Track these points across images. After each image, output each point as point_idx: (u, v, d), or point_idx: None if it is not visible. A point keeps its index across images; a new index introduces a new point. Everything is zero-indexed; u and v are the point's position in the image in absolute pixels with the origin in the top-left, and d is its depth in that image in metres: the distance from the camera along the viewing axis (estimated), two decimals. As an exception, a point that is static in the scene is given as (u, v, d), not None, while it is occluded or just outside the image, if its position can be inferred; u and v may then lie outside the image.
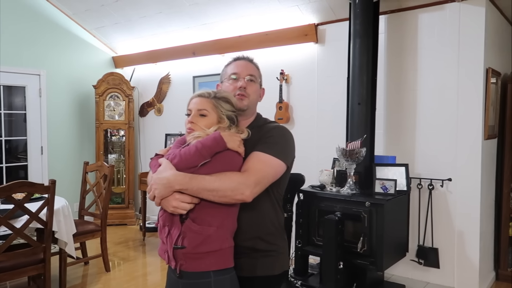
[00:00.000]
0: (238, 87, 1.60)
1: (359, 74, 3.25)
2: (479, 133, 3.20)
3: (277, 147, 1.51)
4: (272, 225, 1.58)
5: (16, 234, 2.78)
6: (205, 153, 1.37)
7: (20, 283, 3.50)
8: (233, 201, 1.39)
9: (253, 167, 1.45)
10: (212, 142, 1.38)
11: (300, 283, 3.31)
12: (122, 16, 4.95)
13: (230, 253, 1.44)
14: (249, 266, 1.53)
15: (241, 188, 1.38)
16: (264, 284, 1.57)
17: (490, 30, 3.25)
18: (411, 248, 3.39)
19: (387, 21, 3.58)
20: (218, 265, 1.40)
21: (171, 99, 5.46)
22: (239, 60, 1.67)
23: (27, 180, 3.65)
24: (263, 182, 1.45)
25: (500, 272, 3.67)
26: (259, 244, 1.54)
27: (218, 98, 1.49)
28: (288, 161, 1.56)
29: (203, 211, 1.39)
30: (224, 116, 1.48)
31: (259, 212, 1.54)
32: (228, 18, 4.37)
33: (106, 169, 3.89)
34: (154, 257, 4.38)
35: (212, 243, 1.38)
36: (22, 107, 5.01)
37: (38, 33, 5.05)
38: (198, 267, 1.39)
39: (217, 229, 1.39)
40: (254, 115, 1.69)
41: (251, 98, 1.61)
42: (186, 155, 1.38)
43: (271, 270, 1.56)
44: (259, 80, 1.68)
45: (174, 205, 1.38)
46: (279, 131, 1.59)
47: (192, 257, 1.38)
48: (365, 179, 3.23)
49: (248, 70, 1.64)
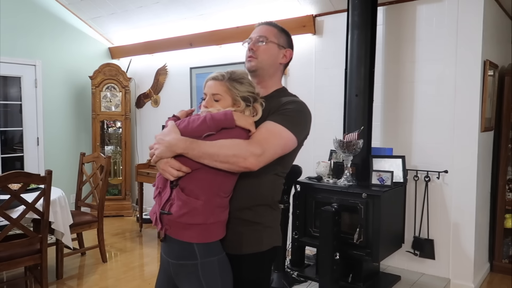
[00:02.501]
0: (248, 49, 1.59)
1: (357, 66, 3.24)
2: (475, 126, 3.21)
3: (291, 120, 1.45)
4: (265, 198, 1.51)
5: (13, 224, 2.78)
6: (211, 124, 1.36)
7: (16, 273, 3.50)
8: (237, 169, 1.34)
9: (261, 135, 1.39)
10: (221, 116, 1.37)
11: (297, 274, 3.33)
12: (119, 6, 4.91)
13: (217, 228, 1.41)
14: (234, 243, 1.48)
15: (244, 155, 1.32)
16: (252, 262, 1.50)
17: (488, 22, 3.25)
18: (407, 240, 3.41)
19: (385, 12, 3.56)
20: (201, 238, 1.38)
21: (168, 90, 5.44)
22: (257, 27, 1.64)
23: (23, 171, 3.63)
24: (270, 152, 1.38)
25: (495, 264, 3.71)
26: (246, 214, 1.48)
27: (233, 80, 1.46)
28: (300, 136, 1.48)
29: (193, 182, 1.37)
30: (239, 98, 1.45)
31: (255, 183, 1.47)
32: (226, 9, 4.34)
33: (102, 160, 3.89)
34: (151, 248, 4.39)
35: (197, 216, 1.36)
36: (18, 98, 4.98)
37: (33, 23, 5.00)
38: (181, 236, 1.38)
39: (204, 204, 1.36)
40: (276, 83, 1.63)
41: (260, 59, 1.56)
42: (193, 122, 1.39)
43: (258, 246, 1.49)
44: (275, 41, 1.59)
45: (162, 167, 1.38)
46: (297, 105, 1.52)
47: (177, 225, 1.38)
48: (362, 171, 3.23)
49: (259, 32, 1.60)
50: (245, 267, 1.49)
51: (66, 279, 3.51)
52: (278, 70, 1.63)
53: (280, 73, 1.65)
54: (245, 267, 1.49)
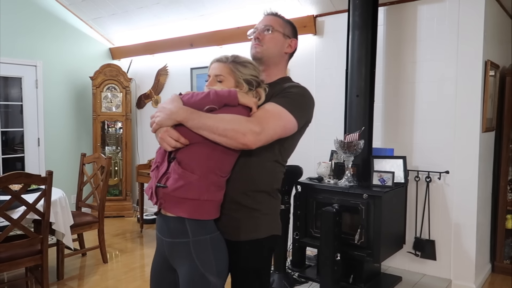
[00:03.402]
0: (254, 38, 1.62)
1: (358, 66, 3.23)
2: (477, 126, 3.20)
3: (292, 103, 1.46)
4: (264, 185, 1.50)
5: (13, 225, 2.77)
6: (215, 98, 1.38)
7: (17, 274, 3.50)
8: (235, 144, 1.34)
9: (262, 114, 1.40)
10: (225, 92, 1.40)
11: (297, 274, 3.33)
12: (119, 7, 4.91)
13: (210, 206, 1.41)
14: (232, 230, 1.47)
15: (243, 130, 1.32)
16: (250, 249, 1.48)
17: (489, 22, 3.24)
18: (408, 240, 3.40)
19: (386, 13, 3.56)
20: (193, 214, 1.38)
21: (169, 91, 5.43)
22: (263, 17, 1.68)
23: (24, 171, 3.63)
24: (269, 132, 1.38)
25: (496, 264, 3.70)
26: (244, 200, 1.47)
27: (237, 63, 1.49)
28: (301, 120, 1.49)
29: (190, 156, 1.38)
30: (242, 80, 1.48)
31: (255, 168, 1.47)
32: (226, 9, 4.34)
33: (103, 161, 3.88)
34: (152, 248, 4.38)
35: (191, 191, 1.37)
36: (19, 99, 4.98)
37: (34, 24, 5.00)
38: (175, 211, 1.39)
39: (199, 178, 1.37)
40: (281, 72, 1.65)
41: (265, 46, 1.59)
42: (197, 95, 1.41)
43: (256, 233, 1.48)
44: (281, 31, 1.63)
45: (161, 136, 1.38)
46: (300, 89, 1.55)
47: (171, 199, 1.39)
48: (363, 171, 3.23)
49: (265, 22, 1.64)
50: (244, 254, 1.49)
51: (66, 279, 3.51)
52: (283, 59, 1.67)
53: (285, 63, 1.68)
54: (243, 254, 1.49)
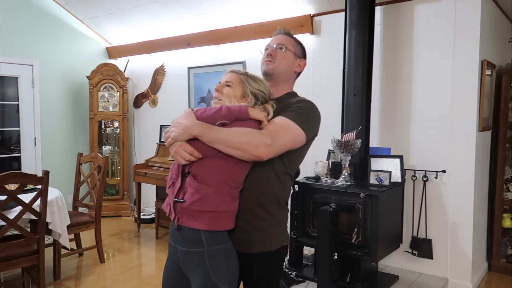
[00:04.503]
0: (266, 55, 1.68)
1: (355, 66, 3.24)
2: (473, 125, 3.21)
3: (301, 117, 1.52)
4: (276, 197, 1.56)
5: (10, 225, 2.77)
6: (226, 113, 1.43)
7: (14, 274, 3.48)
8: (247, 156, 1.40)
9: (273, 127, 1.47)
10: (236, 107, 1.46)
11: (295, 274, 3.33)
12: (116, 6, 4.89)
13: (226, 217, 1.46)
14: (244, 241, 1.52)
15: (256, 143, 1.38)
16: (261, 261, 1.54)
17: (485, 22, 3.25)
18: (405, 239, 3.41)
19: (383, 12, 3.56)
20: (210, 226, 1.43)
21: (166, 90, 5.43)
22: (275, 35, 1.74)
23: (20, 171, 3.62)
24: (280, 144, 1.44)
25: (493, 263, 3.71)
26: (257, 211, 1.53)
27: (248, 76, 1.58)
28: (309, 134, 1.55)
29: (204, 170, 1.43)
30: (249, 92, 1.54)
31: (267, 180, 1.53)
32: (223, 8, 4.33)
33: (100, 161, 3.87)
34: (149, 248, 4.38)
35: (208, 203, 1.42)
36: (15, 98, 4.96)
37: (30, 23, 4.98)
38: (193, 224, 1.44)
39: (215, 191, 1.42)
40: (288, 88, 1.72)
41: (277, 63, 1.66)
42: (209, 110, 1.46)
43: (268, 246, 1.54)
44: (293, 50, 1.70)
45: (175, 150, 1.43)
46: (307, 104, 1.60)
47: (188, 213, 1.44)
48: (360, 171, 3.23)
49: (278, 40, 1.70)
50: (255, 266, 1.55)
51: (63, 279, 3.50)
52: (292, 77, 1.74)
53: (292, 81, 1.75)
54: (255, 266, 1.54)
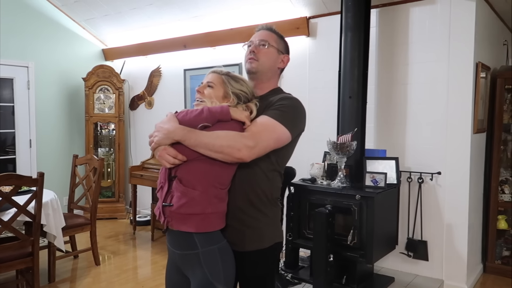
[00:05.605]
0: (249, 52, 1.66)
1: (351, 68, 3.25)
2: (468, 127, 3.22)
3: (284, 115, 1.51)
4: (265, 195, 1.56)
5: (4, 227, 2.75)
6: (208, 115, 1.43)
7: (8, 276, 3.46)
8: (230, 159, 1.40)
9: (255, 128, 1.46)
10: (217, 109, 1.46)
11: (291, 276, 3.32)
12: (112, 8, 4.89)
13: (215, 218, 1.47)
14: (238, 240, 1.53)
15: (238, 146, 1.38)
16: (255, 259, 1.55)
17: (480, 24, 3.27)
18: (400, 241, 3.41)
19: (379, 15, 3.58)
20: (200, 228, 1.44)
21: (162, 92, 5.42)
22: (258, 31, 1.72)
23: (15, 173, 3.60)
24: (262, 145, 1.44)
25: (488, 265, 3.73)
26: (247, 210, 1.53)
27: (230, 77, 1.57)
28: (294, 132, 1.55)
29: (190, 173, 1.44)
30: (231, 92, 1.54)
31: (255, 179, 1.53)
32: (219, 10, 4.34)
33: (95, 163, 3.86)
34: (145, 250, 4.36)
35: (195, 206, 1.43)
36: (10, 100, 4.94)
37: (26, 25, 4.97)
38: (182, 227, 1.45)
39: (201, 194, 1.43)
40: (273, 85, 1.70)
41: (261, 61, 1.64)
42: (191, 113, 1.46)
43: (261, 243, 1.55)
44: (275, 46, 1.67)
45: (159, 154, 1.44)
46: (291, 101, 1.59)
47: (177, 217, 1.45)
48: (355, 173, 3.23)
49: (260, 36, 1.68)
50: (249, 264, 1.55)
51: (58, 282, 3.48)
52: (276, 74, 1.72)
53: (277, 77, 1.73)
54: (249, 264, 1.55)
